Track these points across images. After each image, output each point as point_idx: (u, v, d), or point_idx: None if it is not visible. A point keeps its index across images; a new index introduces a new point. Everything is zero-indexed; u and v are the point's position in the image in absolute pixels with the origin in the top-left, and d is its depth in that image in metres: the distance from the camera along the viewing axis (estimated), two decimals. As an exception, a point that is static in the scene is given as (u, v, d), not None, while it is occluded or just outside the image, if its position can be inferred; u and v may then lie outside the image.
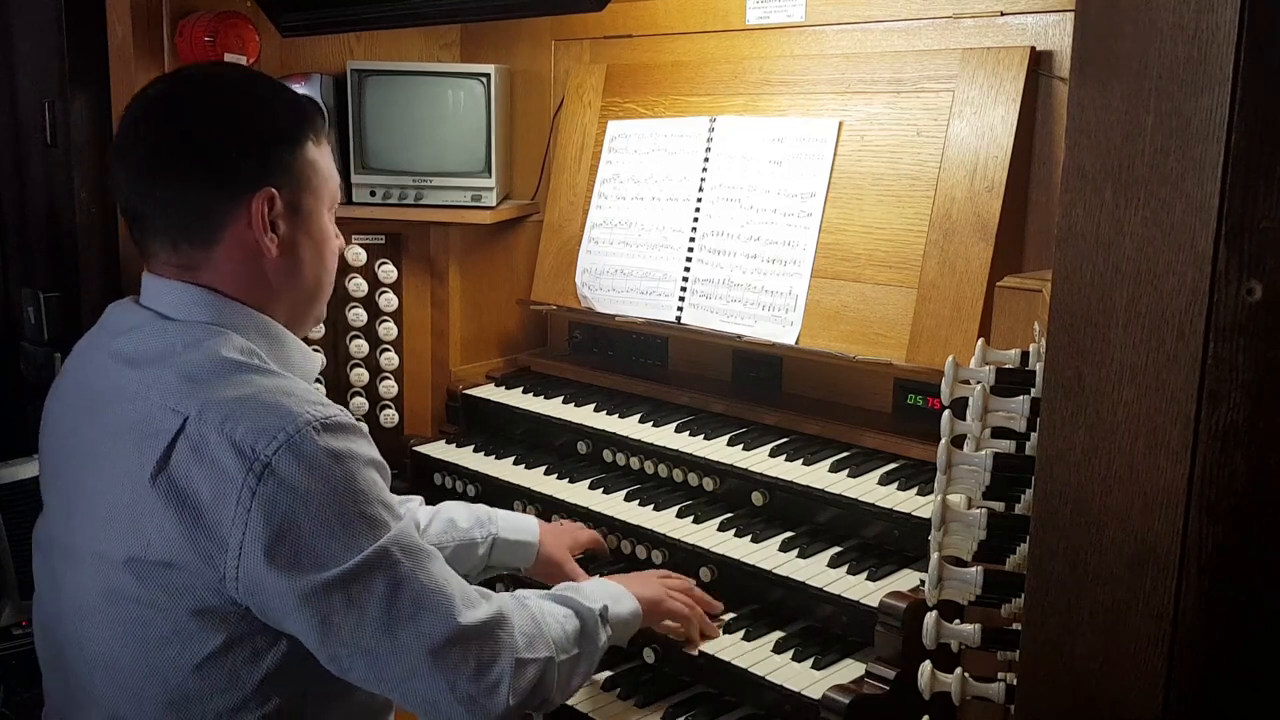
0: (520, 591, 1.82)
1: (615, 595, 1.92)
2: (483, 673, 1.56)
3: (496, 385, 2.90)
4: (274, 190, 1.62)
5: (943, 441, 1.44)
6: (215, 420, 1.47)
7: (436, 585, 1.54)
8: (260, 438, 1.45)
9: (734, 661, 1.99)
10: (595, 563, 2.35)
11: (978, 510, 1.40)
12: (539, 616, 1.70)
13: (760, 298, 2.47)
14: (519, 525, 2.25)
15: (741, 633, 2.07)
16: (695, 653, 2.04)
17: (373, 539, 1.49)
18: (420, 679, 1.52)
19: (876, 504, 2.13)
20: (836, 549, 2.14)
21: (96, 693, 1.57)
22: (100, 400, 1.60)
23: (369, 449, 1.56)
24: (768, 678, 1.94)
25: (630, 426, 2.55)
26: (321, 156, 1.70)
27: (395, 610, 1.50)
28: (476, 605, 1.59)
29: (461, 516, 2.19)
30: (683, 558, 2.22)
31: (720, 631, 2.08)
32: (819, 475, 2.24)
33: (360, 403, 2.94)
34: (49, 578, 1.68)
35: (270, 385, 1.53)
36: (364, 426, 1.60)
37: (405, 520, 1.58)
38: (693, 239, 2.61)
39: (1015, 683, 1.29)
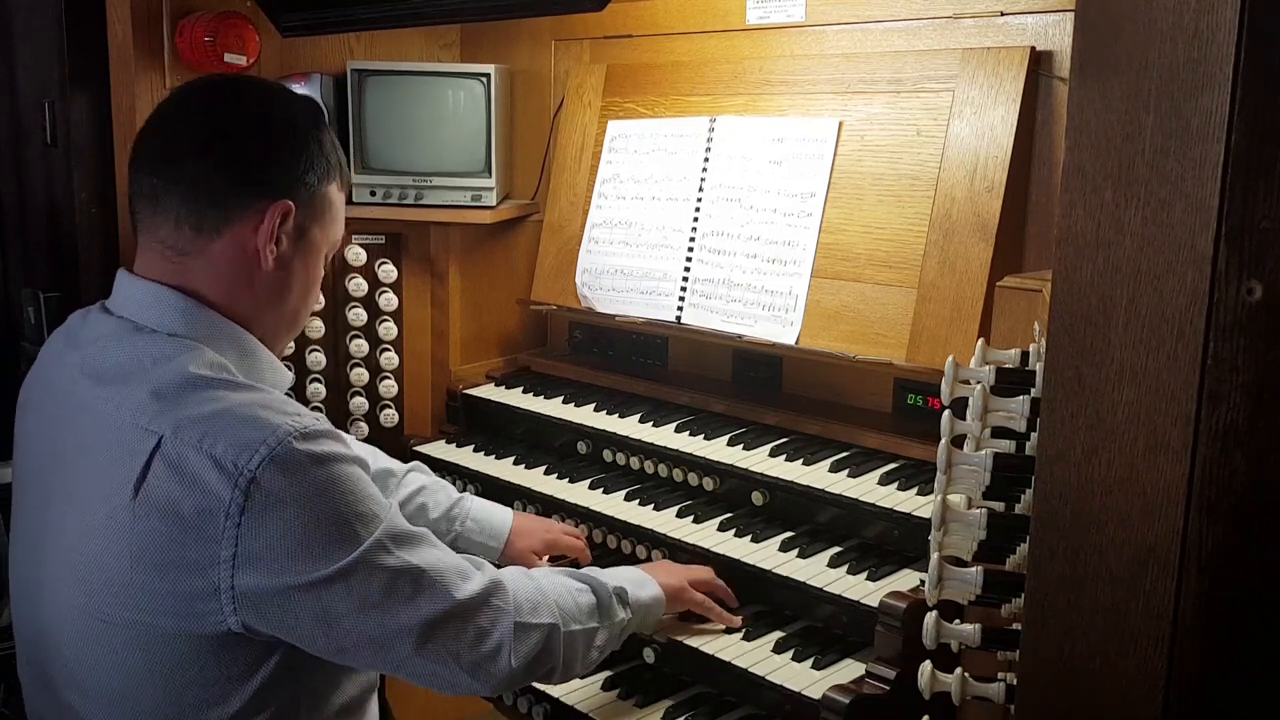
0: (530, 570, 1.85)
1: (637, 580, 1.95)
2: (482, 639, 1.60)
3: (496, 385, 2.90)
4: (292, 206, 1.64)
5: (943, 441, 1.44)
6: (193, 438, 1.46)
7: (430, 566, 1.57)
8: (242, 453, 1.44)
9: (734, 661, 1.99)
10: (594, 559, 2.35)
11: (978, 510, 1.40)
12: (545, 587, 1.74)
13: (760, 298, 2.47)
14: (488, 526, 2.27)
15: (741, 633, 2.07)
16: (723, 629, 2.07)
17: (366, 534, 1.51)
18: (424, 656, 1.56)
19: (876, 504, 2.13)
20: (836, 549, 2.14)
21: (85, 711, 1.57)
22: (69, 417, 1.59)
23: (347, 448, 1.56)
24: (768, 678, 1.94)
25: (630, 426, 2.55)
26: (339, 201, 1.75)
27: (394, 596, 1.53)
28: (471, 576, 1.62)
29: (435, 504, 2.22)
30: (683, 558, 2.22)
31: (740, 620, 2.10)
32: (819, 475, 2.24)
33: (360, 403, 2.94)
34: (27, 596, 1.66)
35: (243, 399, 1.52)
36: (339, 432, 1.60)
37: (392, 509, 1.59)
38: (693, 239, 2.61)
39: (1015, 683, 1.29)
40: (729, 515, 2.30)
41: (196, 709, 1.52)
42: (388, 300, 2.91)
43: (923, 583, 1.94)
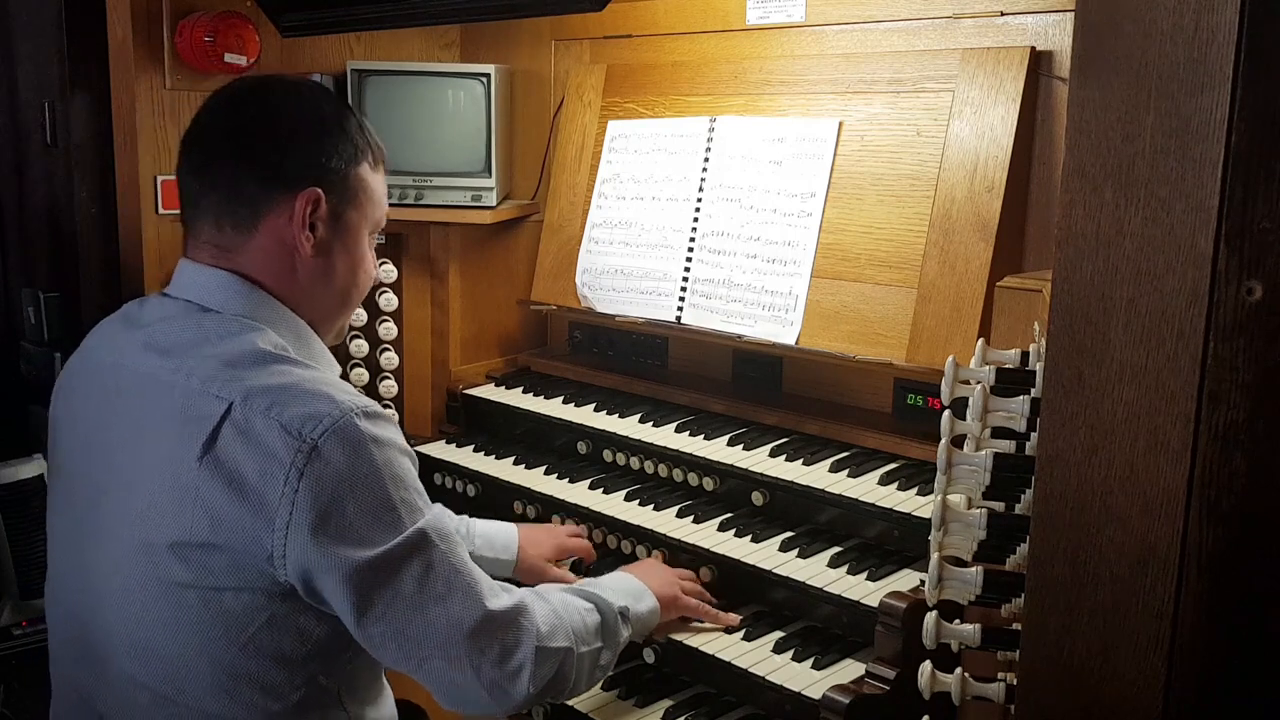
0: (541, 587, 1.86)
1: (636, 593, 1.97)
2: (506, 658, 1.62)
3: (496, 385, 2.90)
4: (320, 193, 1.70)
5: (943, 441, 1.44)
6: (261, 405, 1.52)
7: (466, 570, 1.61)
8: (307, 422, 1.50)
9: (734, 661, 1.99)
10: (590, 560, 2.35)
11: (978, 510, 1.40)
12: (559, 609, 1.75)
13: (760, 298, 2.47)
14: (496, 541, 2.28)
15: (741, 633, 2.07)
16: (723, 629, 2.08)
17: (411, 521, 1.56)
18: (446, 660, 1.58)
19: (876, 504, 2.13)
20: (836, 549, 2.14)
21: (141, 676, 1.60)
22: (131, 390, 1.64)
23: (402, 438, 1.62)
24: (768, 678, 1.94)
25: (630, 426, 2.55)
26: (375, 181, 1.80)
27: (428, 590, 1.56)
28: (500, 595, 1.65)
29: None
30: (683, 558, 2.22)
31: (737, 620, 2.10)
32: (819, 475, 2.24)
33: (360, 403, 2.94)
34: (74, 566, 1.70)
35: (310, 375, 1.59)
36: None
37: (437, 506, 1.64)
38: (693, 239, 2.61)
39: (1015, 683, 1.29)
40: (729, 515, 2.30)
41: (250, 674, 1.56)
42: (388, 300, 2.91)
43: (923, 583, 1.94)
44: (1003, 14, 2.26)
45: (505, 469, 2.64)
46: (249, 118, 1.72)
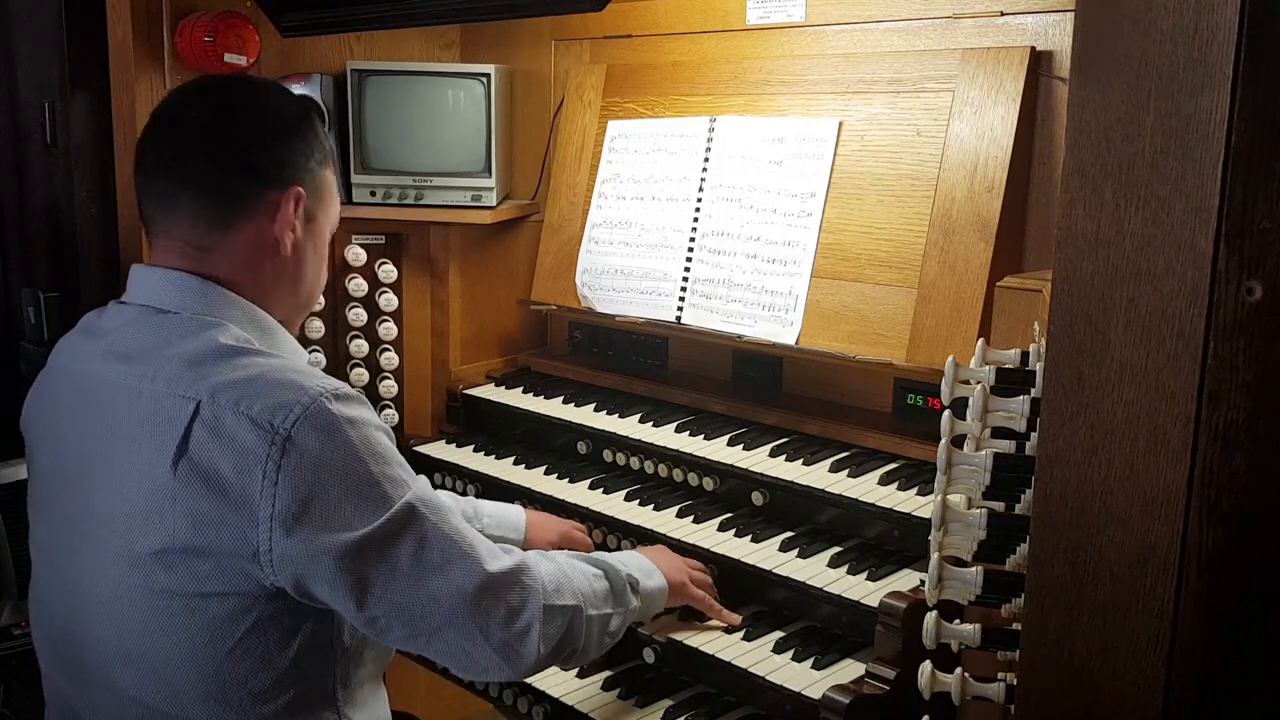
0: (549, 552, 1.86)
1: (645, 569, 1.97)
2: (513, 619, 1.61)
3: (496, 385, 2.91)
4: (303, 192, 1.70)
5: (943, 441, 1.44)
6: (229, 401, 1.50)
7: (461, 536, 1.60)
8: (277, 412, 1.48)
9: (734, 661, 2.00)
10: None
11: (978, 510, 1.40)
12: (566, 569, 1.76)
13: (760, 298, 2.47)
14: (505, 521, 2.28)
15: (741, 633, 2.08)
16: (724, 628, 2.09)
17: (398, 496, 1.54)
18: (454, 629, 1.57)
19: (876, 504, 2.13)
20: (836, 549, 2.14)
21: (129, 688, 1.59)
22: (100, 401, 1.62)
23: (376, 416, 1.61)
24: (768, 678, 1.94)
25: (630, 426, 2.55)
26: (334, 182, 1.82)
27: (425, 562, 1.55)
28: (500, 556, 1.65)
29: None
30: (683, 558, 2.22)
31: (739, 618, 2.11)
32: (819, 475, 2.24)
33: (360, 403, 2.94)
34: (58, 576, 1.68)
35: (275, 364, 1.57)
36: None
37: (422, 479, 1.63)
38: (693, 239, 2.61)
39: (1015, 683, 1.29)
40: (729, 515, 2.30)
41: (237, 679, 1.55)
42: (388, 300, 2.91)
43: (923, 583, 1.94)
44: (1003, 14, 2.26)
45: (505, 469, 2.64)
46: (232, 114, 1.70)
